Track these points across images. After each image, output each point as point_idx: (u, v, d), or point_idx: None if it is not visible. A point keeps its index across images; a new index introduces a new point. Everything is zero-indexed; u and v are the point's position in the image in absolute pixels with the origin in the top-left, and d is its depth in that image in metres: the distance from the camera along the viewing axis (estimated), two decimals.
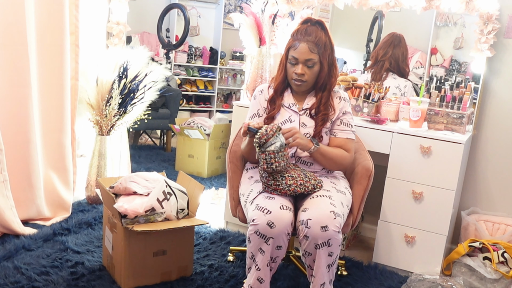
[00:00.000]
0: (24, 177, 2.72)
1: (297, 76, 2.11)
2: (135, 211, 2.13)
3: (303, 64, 2.10)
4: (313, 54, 2.08)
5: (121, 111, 3.15)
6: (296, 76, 2.12)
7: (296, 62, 2.11)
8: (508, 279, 2.37)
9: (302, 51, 2.08)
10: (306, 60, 2.09)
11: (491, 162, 2.85)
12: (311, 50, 2.08)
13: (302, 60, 2.09)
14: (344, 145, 2.20)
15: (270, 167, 1.95)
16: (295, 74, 2.12)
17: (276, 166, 1.95)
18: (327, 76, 2.15)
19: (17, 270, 2.27)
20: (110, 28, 3.36)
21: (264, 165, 1.96)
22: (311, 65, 2.10)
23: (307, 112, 2.19)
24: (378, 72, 3.06)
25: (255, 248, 1.93)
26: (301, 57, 2.09)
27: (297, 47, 2.09)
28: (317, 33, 2.09)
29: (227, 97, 7.07)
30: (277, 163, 1.95)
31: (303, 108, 2.20)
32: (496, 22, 2.63)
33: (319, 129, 2.16)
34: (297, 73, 2.10)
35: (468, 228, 2.71)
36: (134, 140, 5.20)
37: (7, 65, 2.58)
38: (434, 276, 2.40)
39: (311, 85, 2.17)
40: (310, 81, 2.14)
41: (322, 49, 2.10)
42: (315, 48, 2.08)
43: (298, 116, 2.20)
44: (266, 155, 1.95)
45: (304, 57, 2.08)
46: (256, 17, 2.87)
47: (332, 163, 2.17)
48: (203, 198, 3.14)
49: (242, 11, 2.97)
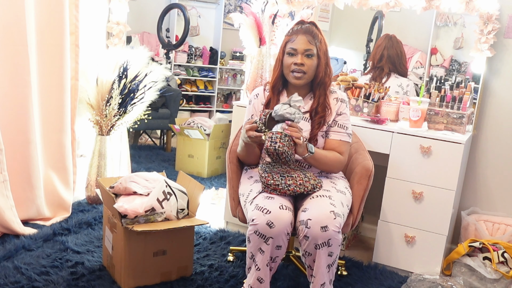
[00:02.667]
0: (24, 177, 2.72)
1: (297, 66, 2.10)
2: (135, 211, 2.13)
3: (302, 54, 2.10)
4: (312, 45, 2.10)
5: (121, 111, 3.15)
6: (295, 66, 2.11)
7: (295, 53, 2.11)
8: (508, 279, 2.37)
9: (301, 41, 2.10)
10: (305, 50, 2.10)
11: (491, 162, 2.85)
12: (309, 41, 2.10)
13: (301, 50, 2.10)
14: (338, 147, 2.18)
15: (273, 145, 1.91)
16: (295, 64, 2.10)
17: (279, 146, 1.90)
18: (324, 73, 2.15)
19: (17, 270, 2.27)
20: (110, 28, 3.36)
21: (268, 143, 1.92)
22: (310, 54, 2.10)
23: (303, 116, 2.18)
24: (378, 75, 3.06)
25: (254, 248, 1.93)
26: (300, 47, 2.10)
27: (295, 39, 2.12)
28: (312, 30, 2.13)
29: (227, 97, 7.07)
30: (281, 143, 1.90)
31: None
32: (496, 22, 2.63)
33: (315, 132, 2.15)
34: (297, 62, 2.10)
35: (468, 228, 2.71)
36: (134, 140, 5.20)
37: (7, 65, 2.58)
38: (434, 276, 2.40)
39: (310, 80, 2.16)
40: (309, 73, 2.13)
41: (319, 43, 2.12)
42: (313, 40, 2.11)
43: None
44: (273, 134, 1.93)
45: (303, 47, 2.09)
46: (256, 17, 2.87)
47: (326, 167, 2.17)
48: (203, 198, 3.14)
49: (242, 11, 2.97)
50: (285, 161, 1.97)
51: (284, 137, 1.92)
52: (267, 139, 1.93)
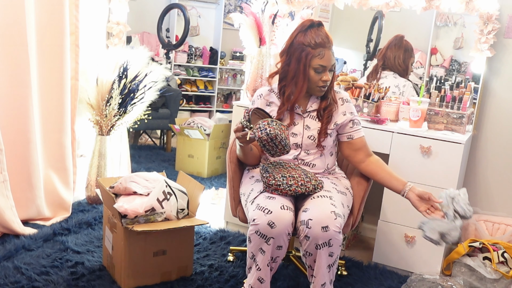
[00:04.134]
0: (24, 177, 2.72)
1: (324, 83, 2.08)
2: (135, 211, 2.13)
3: (330, 71, 2.08)
4: (334, 58, 2.09)
5: (121, 111, 3.15)
6: (322, 83, 2.08)
7: (323, 70, 2.06)
8: (508, 279, 2.37)
9: (328, 58, 2.05)
10: (332, 65, 2.08)
11: (491, 162, 2.85)
12: (333, 54, 2.07)
13: (329, 67, 2.07)
14: (364, 144, 2.19)
15: (263, 132, 1.86)
16: (322, 81, 2.08)
17: (270, 131, 1.86)
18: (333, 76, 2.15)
19: (17, 270, 2.27)
20: (110, 28, 3.36)
21: (258, 132, 1.87)
22: (334, 69, 2.10)
23: (311, 114, 2.19)
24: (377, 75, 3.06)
25: (255, 248, 1.93)
26: (329, 64, 2.06)
27: (323, 55, 2.04)
28: (328, 35, 2.07)
29: (227, 97, 7.08)
30: (271, 128, 1.87)
31: (307, 111, 2.19)
32: (496, 22, 2.63)
33: (324, 127, 2.14)
34: (326, 80, 2.07)
35: (468, 228, 2.71)
36: (134, 140, 5.20)
37: (7, 65, 2.58)
38: (434, 276, 2.39)
39: None
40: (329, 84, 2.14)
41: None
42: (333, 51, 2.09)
43: (302, 118, 2.18)
44: (259, 124, 1.89)
45: (331, 63, 2.07)
46: (256, 17, 2.87)
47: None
48: (203, 198, 3.14)
49: (242, 11, 2.97)
50: (282, 147, 1.91)
51: (271, 122, 1.89)
52: (256, 131, 1.89)
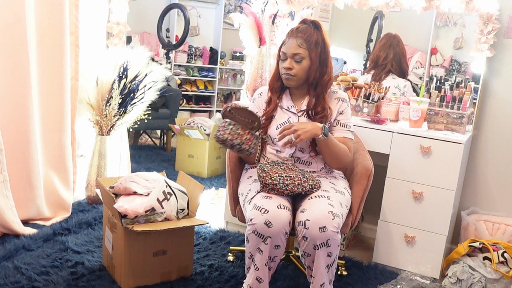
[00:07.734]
0: (24, 177, 2.72)
1: (285, 70, 2.14)
2: (135, 211, 2.13)
3: (291, 58, 2.13)
4: (301, 49, 2.11)
5: (121, 111, 3.15)
6: (284, 70, 2.15)
7: (285, 57, 2.15)
8: (508, 279, 2.37)
9: (290, 45, 2.13)
10: (293, 54, 2.12)
11: (491, 162, 2.85)
12: (299, 45, 2.11)
13: (290, 55, 2.13)
14: (343, 143, 2.18)
15: (216, 134, 2.05)
16: (283, 68, 2.15)
17: (220, 134, 2.04)
18: (319, 73, 2.14)
19: (17, 270, 2.27)
20: (110, 28, 3.36)
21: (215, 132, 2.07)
22: (299, 59, 2.12)
23: (305, 113, 2.19)
24: (378, 74, 3.05)
25: (253, 248, 1.93)
26: (289, 51, 2.12)
27: (286, 43, 2.15)
28: (308, 31, 2.13)
29: (227, 97, 7.07)
30: (222, 131, 2.04)
31: (301, 110, 2.20)
32: (496, 22, 2.63)
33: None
34: (285, 67, 2.14)
35: (468, 228, 2.71)
36: (134, 140, 5.20)
37: (7, 65, 2.58)
38: (424, 280, 2.42)
39: (302, 81, 2.17)
40: (299, 75, 2.14)
41: (312, 45, 2.11)
42: (304, 43, 2.11)
43: (297, 117, 2.19)
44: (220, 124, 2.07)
45: (292, 51, 2.12)
46: (256, 17, 2.87)
47: (335, 157, 2.14)
48: (203, 198, 3.14)
49: (242, 11, 2.97)
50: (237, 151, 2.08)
51: (228, 126, 2.04)
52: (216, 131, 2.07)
